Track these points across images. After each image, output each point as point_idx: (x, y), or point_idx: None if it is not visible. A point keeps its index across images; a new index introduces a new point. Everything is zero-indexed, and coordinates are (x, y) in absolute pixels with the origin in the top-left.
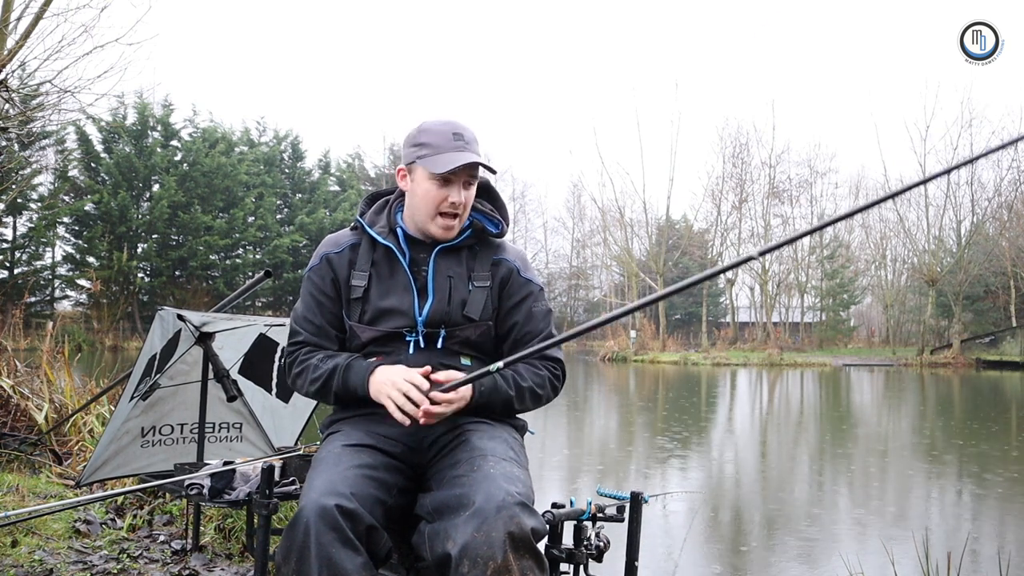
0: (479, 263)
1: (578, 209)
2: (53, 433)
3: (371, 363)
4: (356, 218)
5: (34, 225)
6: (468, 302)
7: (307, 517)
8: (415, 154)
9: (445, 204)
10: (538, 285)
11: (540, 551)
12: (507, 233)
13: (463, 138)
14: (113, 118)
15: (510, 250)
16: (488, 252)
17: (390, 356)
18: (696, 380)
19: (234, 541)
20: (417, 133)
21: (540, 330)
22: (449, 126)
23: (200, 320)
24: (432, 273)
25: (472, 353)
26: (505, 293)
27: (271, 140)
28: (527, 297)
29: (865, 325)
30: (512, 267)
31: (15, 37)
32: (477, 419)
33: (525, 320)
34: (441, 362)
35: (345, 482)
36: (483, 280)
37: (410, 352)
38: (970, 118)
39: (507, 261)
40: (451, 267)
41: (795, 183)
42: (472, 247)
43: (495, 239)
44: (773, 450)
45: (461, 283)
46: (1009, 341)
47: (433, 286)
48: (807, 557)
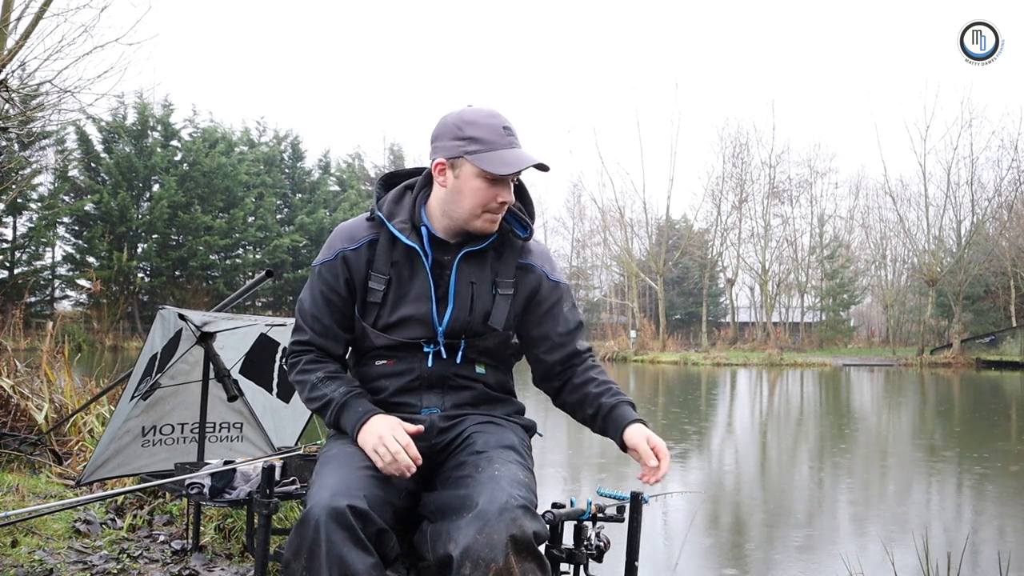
0: (504, 267)
1: (578, 209)
2: (53, 433)
3: (365, 412)
4: (374, 207)
5: (34, 225)
6: (492, 312)
7: (317, 516)
8: (462, 148)
9: (494, 203)
10: (566, 284)
11: (542, 554)
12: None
13: (513, 133)
14: (113, 118)
15: (536, 252)
16: (513, 255)
17: (406, 364)
18: (696, 380)
19: (234, 541)
20: (463, 124)
21: (573, 329)
22: (497, 119)
23: (201, 320)
24: (455, 279)
25: (487, 361)
26: (535, 301)
27: (271, 140)
28: (558, 301)
29: (865, 325)
30: (540, 273)
31: (15, 37)
32: (485, 419)
33: (561, 320)
34: (456, 372)
35: (356, 483)
36: (507, 287)
37: (428, 364)
38: (970, 118)
39: (535, 267)
40: (474, 272)
41: (795, 183)
42: (497, 249)
43: (523, 241)
44: (773, 450)
45: (484, 290)
46: (1009, 341)
47: (454, 293)
48: (807, 557)
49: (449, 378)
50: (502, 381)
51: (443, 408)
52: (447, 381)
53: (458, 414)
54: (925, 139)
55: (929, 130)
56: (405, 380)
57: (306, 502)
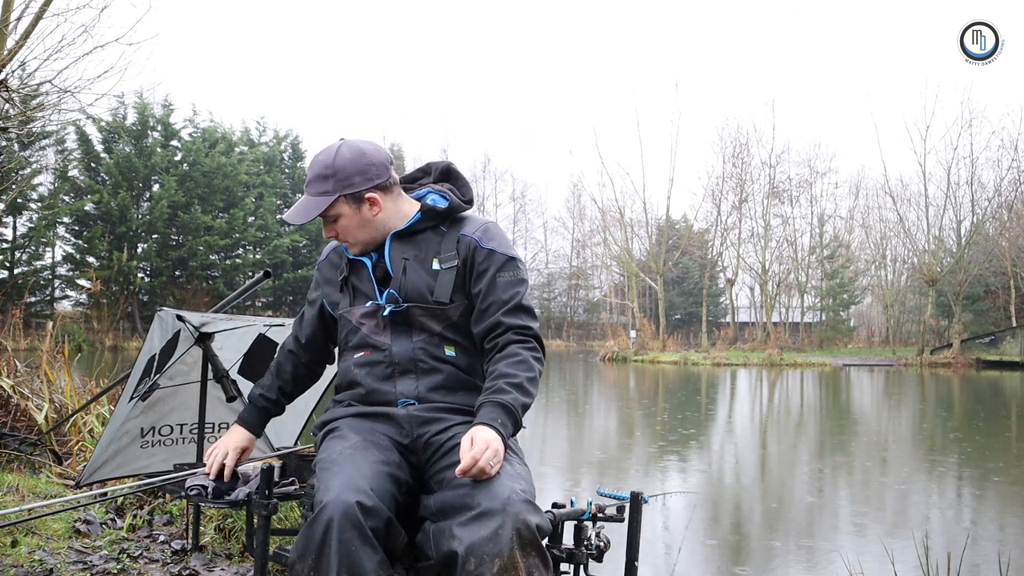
0: (445, 243)
1: (578, 209)
2: (53, 433)
3: (236, 421)
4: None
5: (34, 225)
6: (436, 285)
7: (330, 514)
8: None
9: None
10: (504, 255)
11: (545, 549)
12: (472, 207)
13: (312, 177)
14: (113, 118)
15: (473, 223)
16: (455, 231)
17: (376, 350)
18: (696, 380)
19: (234, 541)
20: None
21: (505, 300)
22: (312, 165)
23: (199, 320)
24: (388, 259)
25: (457, 340)
26: (469, 268)
27: (271, 140)
28: (490, 267)
29: (865, 325)
30: (471, 240)
31: (15, 37)
32: (470, 419)
33: (488, 289)
34: (426, 354)
35: (365, 478)
36: (450, 260)
37: (392, 348)
38: (970, 118)
39: (466, 236)
40: (407, 250)
41: (795, 183)
42: (436, 228)
43: (463, 217)
44: (773, 450)
45: (418, 264)
46: (1009, 341)
47: (391, 269)
48: (807, 557)
49: (420, 360)
50: (473, 364)
51: (418, 397)
52: (418, 364)
53: (436, 406)
54: (925, 139)
55: (929, 130)
56: (379, 368)
57: (314, 504)
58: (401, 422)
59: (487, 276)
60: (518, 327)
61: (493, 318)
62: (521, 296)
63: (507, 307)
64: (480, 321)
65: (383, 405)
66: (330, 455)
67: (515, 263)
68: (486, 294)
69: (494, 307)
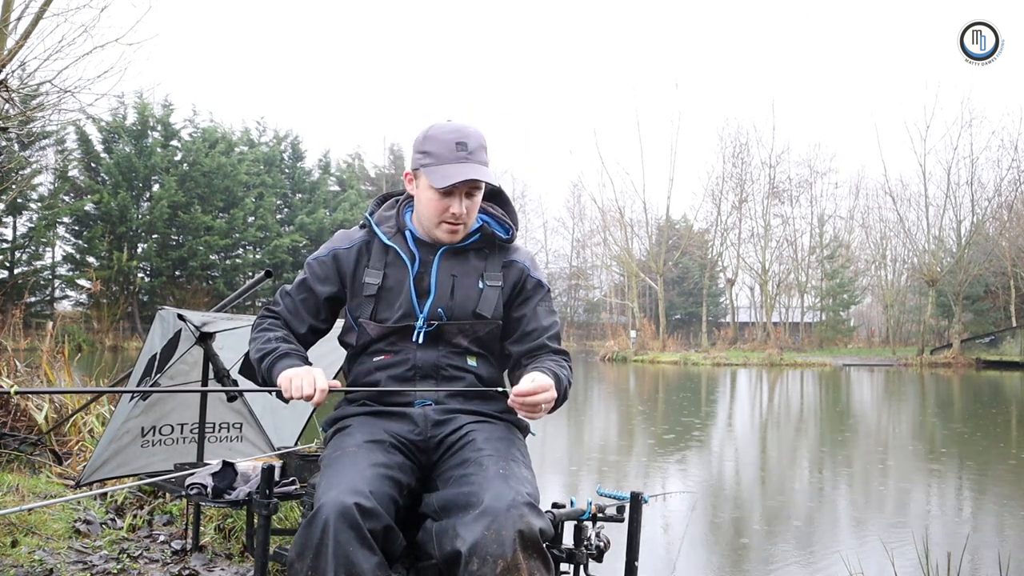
0: (490, 265)
1: (578, 209)
2: (53, 433)
3: (293, 364)
4: (366, 216)
5: (34, 225)
6: (481, 299)
7: (326, 515)
8: (419, 161)
9: (447, 214)
10: (546, 287)
11: (547, 552)
12: (517, 237)
13: (467, 148)
14: (113, 118)
15: (521, 252)
16: (499, 255)
17: (400, 356)
18: (696, 380)
19: (234, 541)
20: (423, 139)
21: (546, 327)
22: (455, 134)
23: (200, 320)
24: (435, 272)
25: (479, 352)
26: (515, 292)
27: (271, 140)
28: (535, 296)
29: (865, 325)
30: (523, 267)
31: (15, 37)
32: (482, 419)
33: (532, 315)
34: (448, 363)
35: (364, 480)
36: (495, 280)
37: (416, 353)
38: (970, 118)
39: (518, 263)
40: (456, 267)
41: (795, 183)
42: (482, 250)
43: (505, 243)
44: (773, 450)
45: (468, 280)
46: (1009, 341)
47: (435, 284)
48: (807, 557)
49: (442, 368)
50: (493, 375)
51: (437, 400)
52: (440, 371)
53: (452, 408)
54: (925, 139)
55: (929, 130)
56: (399, 371)
57: (313, 503)
58: (416, 420)
59: (531, 303)
60: (558, 351)
61: (537, 341)
62: (559, 326)
63: (550, 334)
64: (523, 342)
65: (400, 406)
66: (334, 453)
67: (550, 294)
68: (530, 319)
69: (537, 332)
